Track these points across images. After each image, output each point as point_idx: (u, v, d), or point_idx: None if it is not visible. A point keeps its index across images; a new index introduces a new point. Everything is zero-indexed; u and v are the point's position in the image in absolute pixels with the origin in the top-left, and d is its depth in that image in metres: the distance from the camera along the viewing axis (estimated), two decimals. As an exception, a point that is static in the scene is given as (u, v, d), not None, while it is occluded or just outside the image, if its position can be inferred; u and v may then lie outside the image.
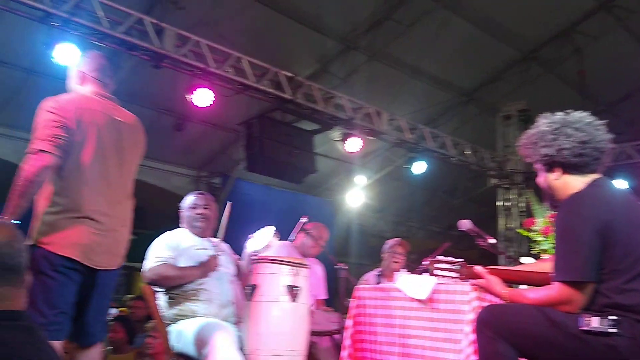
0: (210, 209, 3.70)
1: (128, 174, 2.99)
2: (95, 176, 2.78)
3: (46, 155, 2.61)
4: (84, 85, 2.98)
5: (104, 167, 2.83)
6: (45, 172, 2.60)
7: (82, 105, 2.81)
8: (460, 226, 3.44)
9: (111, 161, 2.86)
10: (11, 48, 6.96)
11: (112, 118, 2.92)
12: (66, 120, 2.69)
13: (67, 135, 2.68)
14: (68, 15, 5.55)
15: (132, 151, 3.02)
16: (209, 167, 10.10)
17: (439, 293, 3.11)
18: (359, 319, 3.56)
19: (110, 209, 2.84)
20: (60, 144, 2.64)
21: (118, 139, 2.91)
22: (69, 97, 2.85)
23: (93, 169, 2.77)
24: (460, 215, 3.73)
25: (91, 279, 2.79)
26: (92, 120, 2.80)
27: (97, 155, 2.78)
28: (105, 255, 2.81)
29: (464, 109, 10.08)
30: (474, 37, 8.62)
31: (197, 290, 3.40)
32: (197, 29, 6.72)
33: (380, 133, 8.60)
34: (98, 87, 2.97)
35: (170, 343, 3.37)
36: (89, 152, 2.76)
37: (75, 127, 2.72)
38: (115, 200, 2.88)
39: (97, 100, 2.91)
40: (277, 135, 7.57)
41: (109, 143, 2.85)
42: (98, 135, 2.80)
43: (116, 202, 2.88)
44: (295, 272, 3.29)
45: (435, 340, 3.07)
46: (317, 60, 8.51)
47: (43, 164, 2.59)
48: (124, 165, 2.95)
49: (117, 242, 2.89)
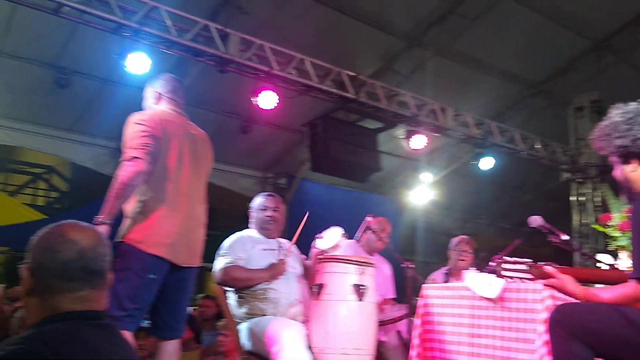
0: (279, 211, 3.78)
1: (202, 182, 3.24)
2: (177, 180, 3.03)
3: (139, 161, 2.85)
4: (159, 104, 3.26)
5: (184, 173, 3.08)
6: (138, 177, 2.85)
7: (165, 118, 3.09)
8: (531, 222, 3.34)
9: (189, 168, 3.11)
10: (86, 59, 7.32)
11: (188, 131, 3.20)
12: (153, 130, 2.95)
13: (155, 143, 2.93)
14: (138, 26, 5.77)
15: (204, 161, 3.28)
16: (274, 168, 10.26)
17: (510, 292, 3.04)
18: (427, 318, 3.52)
19: (190, 211, 3.08)
20: (150, 151, 2.90)
21: (193, 149, 3.17)
22: (152, 112, 3.14)
23: (175, 174, 3.03)
24: (531, 211, 3.62)
25: (174, 275, 3.00)
26: (173, 131, 3.08)
27: (178, 162, 3.05)
28: (186, 253, 3.03)
29: (532, 102, 9.77)
30: (541, 27, 8.33)
31: (266, 290, 3.46)
32: (261, 33, 6.84)
33: (446, 129, 8.46)
34: (173, 105, 3.25)
35: (240, 341, 3.46)
36: (172, 159, 3.02)
37: (161, 136, 2.98)
38: (194, 203, 3.12)
39: (175, 114, 3.20)
40: (341, 135, 7.59)
41: (187, 152, 3.12)
42: (179, 144, 3.08)
43: (194, 205, 3.12)
44: (362, 271, 3.30)
45: (507, 340, 3.00)
46: (380, 58, 8.47)
47: (137, 169, 2.83)
48: (199, 173, 3.20)
49: (195, 241, 3.11)
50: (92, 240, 1.57)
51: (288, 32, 7.22)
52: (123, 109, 8.26)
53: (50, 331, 1.41)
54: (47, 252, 1.51)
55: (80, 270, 1.51)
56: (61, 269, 1.49)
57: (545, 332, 2.57)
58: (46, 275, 1.50)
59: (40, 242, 1.54)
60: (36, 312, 1.51)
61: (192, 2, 6.69)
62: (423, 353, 3.46)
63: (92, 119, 8.18)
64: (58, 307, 1.49)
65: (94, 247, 1.56)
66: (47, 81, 7.34)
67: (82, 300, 1.51)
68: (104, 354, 1.46)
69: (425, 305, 3.55)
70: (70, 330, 1.44)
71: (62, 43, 7.04)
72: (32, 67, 7.25)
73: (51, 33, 6.63)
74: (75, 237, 1.54)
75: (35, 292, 1.51)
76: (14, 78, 7.38)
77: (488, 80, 9.07)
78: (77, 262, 1.51)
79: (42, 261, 1.51)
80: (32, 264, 1.52)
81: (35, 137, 8.16)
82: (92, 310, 1.53)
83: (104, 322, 1.55)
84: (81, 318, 1.50)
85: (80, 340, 1.43)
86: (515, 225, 13.29)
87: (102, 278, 1.57)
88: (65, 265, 1.50)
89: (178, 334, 3.14)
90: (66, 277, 1.50)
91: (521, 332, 2.93)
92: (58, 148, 8.50)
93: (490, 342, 3.08)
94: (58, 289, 1.49)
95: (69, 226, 1.57)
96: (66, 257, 1.50)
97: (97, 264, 1.55)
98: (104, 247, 1.60)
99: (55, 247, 1.51)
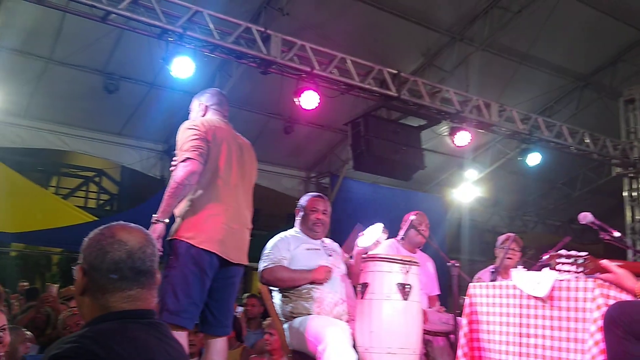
0: (327, 214, 3.81)
1: (249, 187, 3.35)
2: (226, 182, 3.15)
3: (193, 161, 2.98)
4: (205, 116, 3.37)
5: (233, 175, 3.19)
6: (192, 177, 2.97)
7: (214, 125, 3.22)
8: (581, 219, 3.24)
9: (237, 172, 3.22)
10: (132, 64, 7.52)
11: (235, 138, 3.33)
12: (204, 134, 3.09)
13: (206, 145, 3.07)
14: (182, 30, 5.88)
15: (250, 168, 3.37)
16: (317, 167, 10.30)
17: (559, 290, 2.96)
18: (473, 318, 3.47)
19: (237, 212, 3.17)
20: (202, 153, 3.03)
21: (240, 155, 3.28)
22: (203, 119, 3.27)
23: (225, 176, 3.14)
24: (581, 208, 3.53)
25: (223, 271, 3.10)
26: (222, 136, 3.20)
27: (227, 165, 3.16)
28: (235, 251, 3.13)
29: (580, 95, 9.50)
30: (589, 18, 8.09)
31: (310, 289, 3.48)
32: (302, 33, 6.87)
33: (491, 125, 8.31)
34: (219, 116, 3.38)
35: (286, 340, 3.48)
36: (222, 161, 3.15)
37: (211, 139, 3.11)
38: (241, 205, 3.22)
39: (222, 122, 3.33)
40: (383, 133, 7.54)
41: (235, 156, 3.23)
42: (228, 148, 3.19)
43: (241, 207, 3.22)
44: (407, 270, 3.27)
45: (557, 339, 2.92)
46: (422, 55, 8.39)
47: (190, 169, 2.96)
48: (245, 178, 3.30)
49: (242, 240, 3.21)
50: (140, 241, 1.62)
51: (329, 31, 7.24)
52: (168, 113, 8.51)
53: (102, 330, 1.47)
54: (98, 252, 1.56)
55: (130, 270, 1.56)
56: (112, 268, 1.55)
57: (597, 331, 2.50)
58: (98, 274, 1.55)
59: (91, 243, 1.60)
60: (89, 311, 1.57)
61: (234, 5, 6.79)
62: (470, 353, 3.42)
63: (139, 122, 8.41)
64: (109, 306, 1.54)
65: (142, 247, 1.61)
66: (96, 87, 7.58)
67: (131, 299, 1.56)
68: (153, 352, 1.50)
69: (471, 304, 3.50)
70: (121, 329, 1.49)
71: (110, 49, 7.25)
72: (81, 73, 7.50)
73: (99, 40, 6.84)
74: (124, 237, 1.60)
75: (87, 292, 1.57)
76: (65, 85, 7.65)
77: (534, 73, 8.87)
78: (127, 262, 1.56)
79: (94, 261, 1.56)
80: (84, 265, 1.58)
81: (86, 142, 8.44)
82: (142, 310, 1.58)
83: (153, 320, 1.60)
84: (131, 317, 1.55)
85: (130, 339, 1.47)
86: (565, 222, 12.97)
87: (151, 277, 1.62)
88: (115, 264, 1.55)
89: (226, 331, 3.21)
90: (116, 277, 1.55)
91: (572, 332, 2.85)
92: (108, 151, 8.77)
93: (539, 342, 3.01)
94: (109, 288, 1.54)
95: (118, 227, 1.63)
96: (116, 256, 1.56)
97: (145, 263, 1.60)
98: (151, 247, 1.64)
99: (106, 248, 1.56)
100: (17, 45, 6.80)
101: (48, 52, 7.10)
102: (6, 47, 6.67)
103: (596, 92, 9.50)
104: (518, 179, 11.35)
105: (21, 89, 7.41)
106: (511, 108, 8.44)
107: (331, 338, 3.05)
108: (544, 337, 2.99)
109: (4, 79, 7.00)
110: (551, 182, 11.87)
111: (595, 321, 2.64)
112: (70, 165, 13.38)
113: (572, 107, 9.56)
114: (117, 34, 6.88)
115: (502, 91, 8.69)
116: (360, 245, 3.62)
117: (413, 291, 3.25)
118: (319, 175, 10.28)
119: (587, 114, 9.55)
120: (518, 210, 12.87)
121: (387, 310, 3.19)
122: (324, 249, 3.69)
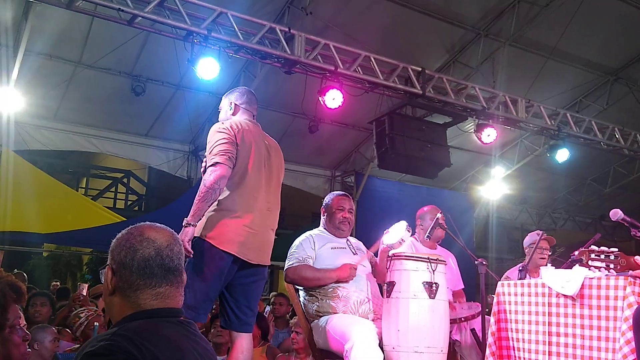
0: (353, 212, 3.80)
1: (276, 187, 3.39)
2: (252, 184, 3.19)
3: (222, 166, 3.05)
4: (235, 115, 3.42)
5: (259, 178, 3.24)
6: (222, 181, 3.04)
7: (243, 127, 3.25)
8: (612, 216, 3.18)
9: (263, 174, 3.27)
10: (159, 66, 7.62)
11: (263, 139, 3.36)
12: (233, 138, 3.15)
13: (234, 149, 3.14)
14: (207, 32, 5.94)
15: (277, 168, 3.42)
16: (342, 166, 10.30)
17: (590, 288, 2.91)
18: (501, 317, 3.43)
19: (261, 213, 3.21)
20: (231, 157, 3.10)
21: (267, 156, 3.33)
22: (231, 121, 3.30)
23: (251, 179, 3.19)
24: (612, 204, 3.47)
25: (244, 272, 3.15)
26: (250, 138, 3.24)
27: (254, 168, 3.21)
28: (256, 252, 3.17)
29: (610, 90, 9.30)
30: (619, 11, 7.91)
31: (336, 288, 3.49)
32: (325, 32, 6.88)
33: (518, 121, 8.20)
34: (248, 115, 3.42)
35: (312, 338, 3.49)
36: (250, 164, 3.19)
37: (240, 142, 3.17)
38: (266, 206, 3.25)
39: (251, 124, 3.36)
40: (408, 131, 7.49)
41: (262, 158, 3.28)
42: (256, 150, 3.24)
43: (266, 208, 3.25)
44: (433, 268, 3.26)
45: (587, 338, 2.87)
46: (447, 51, 8.31)
47: (220, 174, 3.03)
48: (272, 180, 3.34)
49: (264, 241, 3.24)
50: (168, 239, 1.66)
51: (352, 30, 7.22)
52: (195, 114, 8.61)
53: (135, 328, 1.50)
54: (128, 250, 1.60)
55: (159, 267, 1.60)
56: (142, 265, 1.58)
57: (628, 330, 2.45)
58: (128, 272, 1.59)
59: (120, 242, 1.63)
60: (119, 310, 1.60)
61: (257, 5, 6.83)
62: (498, 352, 3.38)
63: (166, 124, 8.51)
64: (139, 303, 1.58)
65: (170, 245, 1.65)
66: (124, 89, 7.70)
67: (161, 296, 1.60)
68: (183, 351, 1.53)
69: (499, 303, 3.46)
70: (152, 328, 1.52)
71: (136, 52, 7.36)
72: (109, 76, 7.62)
73: (126, 43, 6.94)
74: (153, 235, 1.64)
75: (117, 291, 1.60)
76: (93, 88, 7.79)
77: (562, 68, 8.71)
78: (156, 259, 1.60)
79: (124, 260, 1.60)
80: (114, 264, 1.61)
81: (114, 143, 8.58)
82: (171, 308, 1.61)
83: (182, 319, 1.64)
84: (161, 315, 1.58)
85: (162, 337, 1.50)
86: (595, 219, 12.75)
87: (179, 275, 1.65)
88: (145, 262, 1.59)
89: (249, 328, 3.26)
90: (146, 274, 1.58)
91: (602, 331, 2.80)
92: (135, 153, 8.90)
93: (569, 340, 2.96)
94: (139, 286, 1.58)
95: (146, 226, 1.67)
96: (146, 254, 1.59)
97: (173, 261, 1.63)
98: (178, 245, 1.68)
99: (136, 246, 1.60)
100: (46, 50, 6.95)
101: (77, 56, 7.23)
102: (36, 51, 6.81)
103: (627, 86, 9.29)
104: (546, 176, 11.19)
105: (51, 92, 7.57)
106: (539, 104, 8.32)
107: (357, 337, 3.05)
108: (574, 336, 2.94)
109: (34, 83, 7.15)
110: (581, 179, 11.67)
111: (626, 319, 2.59)
112: (99, 166, 13.62)
113: (601, 102, 9.37)
114: (143, 37, 6.98)
115: (529, 87, 8.56)
116: (385, 242, 3.61)
117: (440, 290, 3.23)
118: (343, 174, 10.27)
119: (617, 109, 9.36)
120: (547, 207, 12.69)
121: (414, 309, 3.18)
122: (349, 248, 3.69)
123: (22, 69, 6.66)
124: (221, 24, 6.16)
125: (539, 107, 8.31)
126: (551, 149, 8.68)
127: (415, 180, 9.92)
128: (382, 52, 7.12)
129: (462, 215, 9.89)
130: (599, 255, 2.47)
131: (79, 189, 12.51)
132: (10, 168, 6.98)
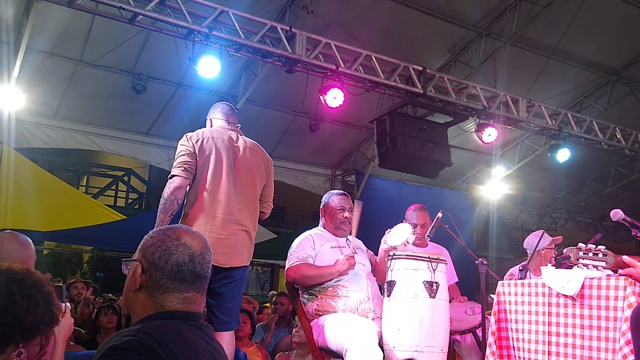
0: (353, 211, 3.80)
1: (251, 187, 3.47)
2: (214, 189, 3.32)
3: (177, 177, 3.27)
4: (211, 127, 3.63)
5: (225, 181, 3.35)
6: (178, 191, 3.25)
7: (204, 136, 3.42)
8: (613, 216, 3.18)
9: (230, 176, 3.37)
10: (160, 65, 7.61)
11: (232, 141, 3.48)
12: (191, 149, 3.35)
13: (192, 159, 3.33)
14: (208, 30, 5.93)
15: (254, 167, 3.50)
16: (343, 165, 10.29)
17: (590, 288, 2.91)
18: (502, 316, 3.43)
19: (230, 215, 3.30)
20: (187, 168, 3.30)
21: (234, 158, 3.43)
22: (194, 132, 3.47)
23: (213, 184, 3.32)
24: (613, 205, 3.47)
25: (218, 276, 3.20)
26: (210, 145, 3.39)
27: (216, 173, 3.34)
28: (226, 256, 3.25)
29: (611, 90, 9.29)
30: (620, 11, 7.90)
31: (336, 287, 3.48)
32: (327, 31, 6.87)
33: (518, 121, 8.20)
34: (223, 122, 3.62)
35: (313, 337, 3.49)
36: (209, 170, 3.33)
37: (198, 152, 3.35)
38: (236, 208, 3.34)
39: (218, 130, 3.52)
40: (409, 130, 7.49)
41: (227, 162, 3.38)
42: (215, 156, 3.36)
43: (237, 210, 3.34)
44: (433, 268, 3.25)
45: (587, 338, 2.87)
46: (448, 51, 8.31)
47: (176, 185, 3.25)
48: (245, 179, 3.43)
49: (236, 244, 3.31)
50: (202, 247, 1.68)
51: (353, 29, 7.22)
52: (196, 112, 8.61)
53: (158, 327, 1.52)
54: (163, 252, 1.62)
55: (190, 274, 1.63)
56: (174, 270, 1.61)
57: (628, 330, 2.45)
58: (159, 274, 1.61)
59: (155, 242, 1.65)
60: (142, 307, 1.62)
61: (259, 4, 6.83)
62: (498, 352, 3.38)
63: (167, 122, 8.51)
64: (165, 305, 1.60)
65: (203, 253, 1.68)
66: (124, 88, 7.70)
67: (186, 301, 1.63)
68: (201, 354, 1.56)
69: (500, 302, 3.46)
70: (175, 328, 1.55)
71: (138, 51, 7.36)
72: (110, 74, 7.62)
73: (127, 42, 6.94)
74: (189, 242, 1.66)
75: (144, 289, 1.62)
76: (94, 86, 7.79)
77: (563, 68, 8.71)
78: (188, 265, 1.63)
79: (157, 261, 1.61)
80: (145, 262, 1.63)
81: (115, 142, 8.58)
82: (193, 312, 1.64)
83: (201, 323, 1.67)
84: (183, 318, 1.61)
85: (183, 338, 1.53)
86: (596, 219, 12.75)
87: (205, 283, 1.69)
88: (178, 267, 1.61)
89: (229, 327, 3.33)
90: (177, 279, 1.61)
91: (602, 331, 2.80)
92: (136, 151, 8.90)
93: (569, 340, 2.97)
94: (169, 288, 1.60)
95: (183, 231, 1.69)
96: (180, 259, 1.62)
97: (204, 269, 1.67)
98: (209, 254, 1.72)
99: (172, 250, 1.62)
100: (47, 48, 6.95)
101: (78, 54, 7.23)
102: (37, 49, 6.81)
103: (628, 87, 9.29)
104: (547, 176, 11.19)
105: (52, 90, 7.56)
106: (540, 103, 8.31)
107: (357, 335, 3.05)
108: (574, 336, 2.94)
109: (35, 81, 7.14)
110: (581, 179, 11.67)
111: (626, 320, 2.59)
112: (100, 164, 13.64)
113: (602, 102, 9.37)
114: (144, 35, 6.98)
115: (530, 86, 8.55)
116: (388, 243, 3.60)
117: (440, 289, 3.22)
118: (344, 173, 10.27)
119: (618, 109, 9.36)
120: (547, 207, 12.69)
121: (414, 309, 3.17)
122: (349, 247, 3.69)
123: (23, 66, 6.66)
124: (222, 23, 6.16)
125: (539, 107, 8.30)
126: (552, 148, 8.68)
127: (415, 179, 9.93)
128: (383, 51, 7.12)
129: (463, 215, 9.89)
130: (587, 254, 2.47)
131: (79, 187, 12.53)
132: (11, 166, 6.98)
